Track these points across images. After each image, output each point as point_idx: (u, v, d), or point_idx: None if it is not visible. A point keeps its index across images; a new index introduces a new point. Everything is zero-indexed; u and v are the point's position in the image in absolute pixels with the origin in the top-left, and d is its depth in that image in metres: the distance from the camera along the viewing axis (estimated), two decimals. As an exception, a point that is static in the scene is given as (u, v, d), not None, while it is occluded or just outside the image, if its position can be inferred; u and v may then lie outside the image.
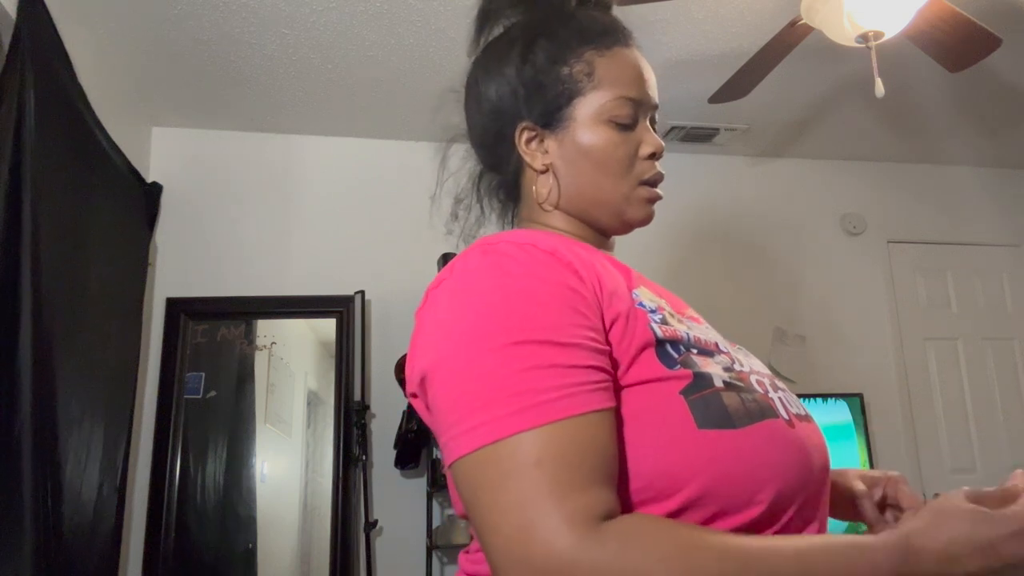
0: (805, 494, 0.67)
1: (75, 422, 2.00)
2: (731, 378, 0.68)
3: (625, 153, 0.81)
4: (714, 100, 2.35)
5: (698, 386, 0.65)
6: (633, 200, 0.83)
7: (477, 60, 0.91)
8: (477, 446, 0.58)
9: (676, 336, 0.69)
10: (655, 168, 0.83)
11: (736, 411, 0.65)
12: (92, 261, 2.18)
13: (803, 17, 2.00)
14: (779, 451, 0.65)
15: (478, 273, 0.67)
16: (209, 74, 2.60)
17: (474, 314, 0.64)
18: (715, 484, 0.62)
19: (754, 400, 0.67)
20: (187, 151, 2.95)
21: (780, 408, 0.69)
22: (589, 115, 0.81)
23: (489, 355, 0.61)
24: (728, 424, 0.63)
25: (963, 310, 3.49)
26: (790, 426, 0.68)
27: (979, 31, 2.01)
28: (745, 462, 0.63)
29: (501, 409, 0.58)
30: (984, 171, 3.68)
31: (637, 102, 0.82)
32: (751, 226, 3.38)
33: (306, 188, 3.02)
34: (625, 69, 0.82)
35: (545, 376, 0.59)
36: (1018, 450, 3.33)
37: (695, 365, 0.67)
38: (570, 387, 0.59)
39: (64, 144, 2.03)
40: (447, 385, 0.63)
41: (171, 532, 2.57)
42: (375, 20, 2.33)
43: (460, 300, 0.66)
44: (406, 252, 2.95)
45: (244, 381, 2.84)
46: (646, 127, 0.83)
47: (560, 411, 0.58)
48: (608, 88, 0.81)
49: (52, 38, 1.97)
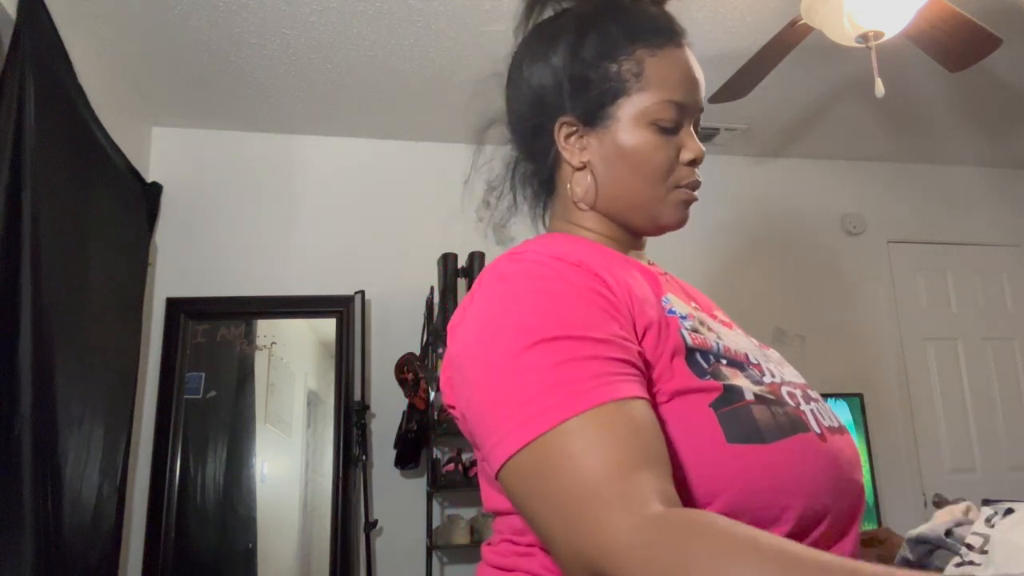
0: (837, 510, 0.66)
1: (75, 422, 2.00)
2: (761, 391, 0.67)
3: (665, 158, 0.79)
4: (714, 100, 2.35)
5: (728, 399, 0.64)
6: (668, 204, 0.81)
7: (524, 42, 0.86)
8: (520, 446, 0.57)
9: (706, 346, 0.69)
10: (694, 174, 0.82)
11: (766, 425, 0.64)
12: (92, 261, 2.18)
13: (803, 17, 2.00)
14: (809, 466, 0.64)
15: (507, 281, 0.68)
16: (209, 74, 2.60)
17: (506, 320, 0.64)
18: (744, 499, 0.61)
19: (785, 414, 0.66)
20: (187, 151, 2.95)
21: (812, 421, 0.68)
22: (632, 116, 0.79)
23: (521, 355, 0.61)
24: (758, 439, 0.63)
25: (963, 310, 3.49)
26: (822, 440, 0.67)
27: (979, 31, 2.01)
28: (774, 478, 0.62)
29: (540, 404, 0.58)
30: (984, 171, 3.68)
31: (682, 106, 0.79)
32: (751, 226, 3.38)
33: (306, 188, 3.02)
34: (674, 71, 0.79)
35: (583, 367, 0.59)
36: (1018, 450, 3.33)
37: (724, 377, 0.67)
38: (609, 375, 0.59)
39: (64, 144, 2.03)
40: (485, 392, 0.63)
41: (171, 532, 2.57)
42: (375, 20, 2.33)
43: (491, 309, 0.66)
44: (406, 252, 2.95)
45: (244, 381, 2.84)
46: (689, 132, 0.81)
47: (601, 396, 0.57)
48: (655, 90, 0.78)
49: (52, 38, 1.97)
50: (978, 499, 1.58)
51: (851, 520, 0.68)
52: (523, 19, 0.86)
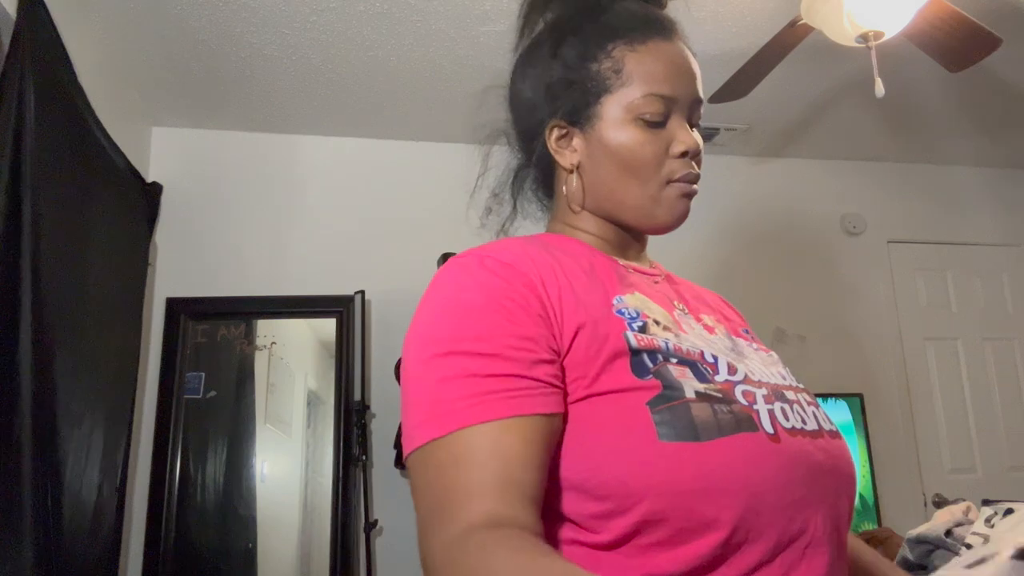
0: (788, 517, 0.62)
1: (75, 422, 2.00)
2: (708, 389, 0.65)
3: (653, 153, 0.78)
4: (714, 100, 2.35)
5: (666, 397, 0.63)
6: (662, 201, 0.80)
7: (519, 56, 0.89)
8: (405, 455, 0.65)
9: (652, 346, 0.68)
10: (688, 166, 0.79)
11: (704, 424, 0.62)
12: (92, 261, 2.18)
13: (803, 17, 2.00)
14: (751, 468, 0.61)
15: (433, 288, 0.72)
16: (209, 74, 2.60)
17: (420, 327, 0.69)
18: (672, 500, 0.60)
19: (730, 412, 0.63)
20: (187, 151, 2.95)
21: (766, 420, 0.65)
22: (616, 113, 0.78)
23: (420, 366, 0.66)
24: (691, 437, 0.61)
25: (963, 310, 3.49)
26: (774, 440, 0.63)
27: (979, 31, 2.01)
28: (704, 479, 0.60)
29: (419, 418, 0.64)
30: (984, 171, 3.68)
31: (669, 99, 0.78)
32: (751, 226, 3.38)
33: (306, 188, 3.02)
34: (658, 64, 0.78)
35: (458, 386, 0.63)
36: (1018, 450, 3.33)
37: (668, 375, 0.65)
38: (481, 395, 0.62)
39: (64, 144, 2.03)
40: (401, 393, 0.69)
41: (171, 532, 2.57)
42: (375, 20, 2.33)
43: (418, 312, 0.71)
44: (406, 252, 2.95)
45: (244, 381, 2.84)
46: (680, 124, 0.79)
47: (463, 419, 0.61)
48: (637, 84, 0.78)
49: (52, 38, 1.97)
50: (978, 499, 1.59)
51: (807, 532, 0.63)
52: (518, 33, 0.88)
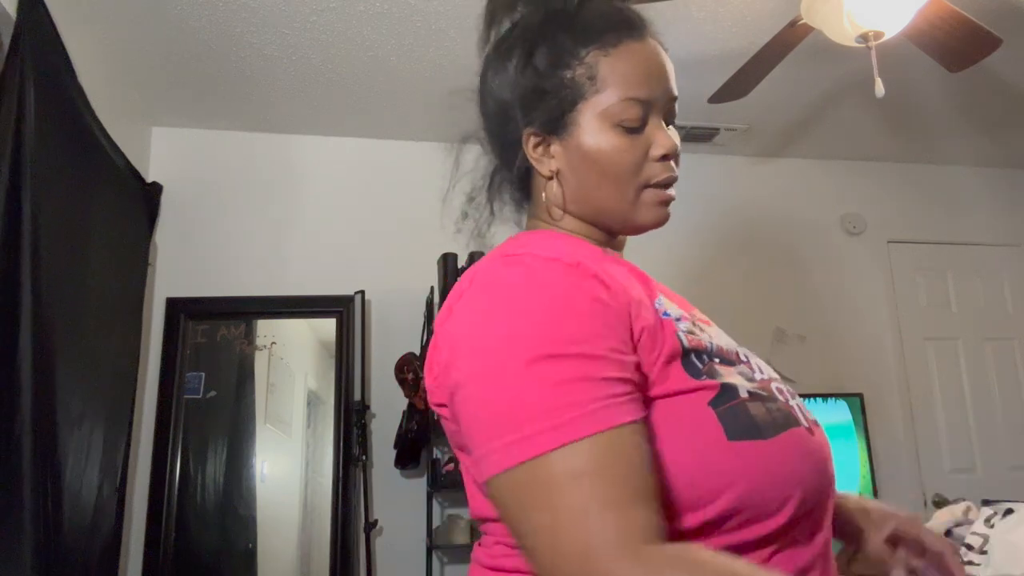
0: (821, 500, 0.69)
1: (75, 422, 2.00)
2: (755, 388, 0.69)
3: (632, 158, 0.77)
4: (714, 100, 2.35)
5: (726, 397, 0.66)
6: (641, 205, 0.79)
7: (487, 57, 0.85)
8: (514, 463, 0.58)
9: (701, 346, 0.70)
10: (667, 170, 0.78)
11: (764, 421, 0.66)
12: (92, 261, 2.18)
13: (803, 17, 2.00)
14: (803, 460, 0.67)
15: (504, 286, 0.67)
16: (209, 74, 2.60)
17: (503, 327, 0.63)
18: (748, 495, 0.63)
19: (778, 409, 0.68)
20: (187, 151, 2.95)
21: (800, 416, 0.70)
22: (593, 120, 0.77)
23: (522, 369, 0.60)
24: (757, 435, 0.65)
25: (963, 310, 3.49)
26: (811, 434, 0.69)
27: (979, 31, 2.01)
28: (775, 473, 0.65)
29: (538, 424, 0.58)
30: (984, 171, 3.68)
31: (645, 102, 0.77)
32: (751, 226, 3.38)
33: (306, 188, 3.02)
34: (632, 66, 0.77)
35: (578, 389, 0.59)
36: (1018, 450, 3.33)
37: (720, 375, 0.68)
38: (604, 399, 0.59)
39: (64, 144, 2.03)
40: (480, 400, 0.63)
41: (171, 532, 2.57)
42: (375, 20, 2.33)
43: (488, 313, 0.65)
44: (406, 252, 2.95)
45: (244, 381, 2.84)
46: (658, 126, 0.78)
47: (597, 424, 0.58)
48: (613, 90, 0.76)
49: (52, 38, 1.97)
50: (978, 499, 1.59)
51: (827, 511, 0.72)
52: (483, 34, 0.85)
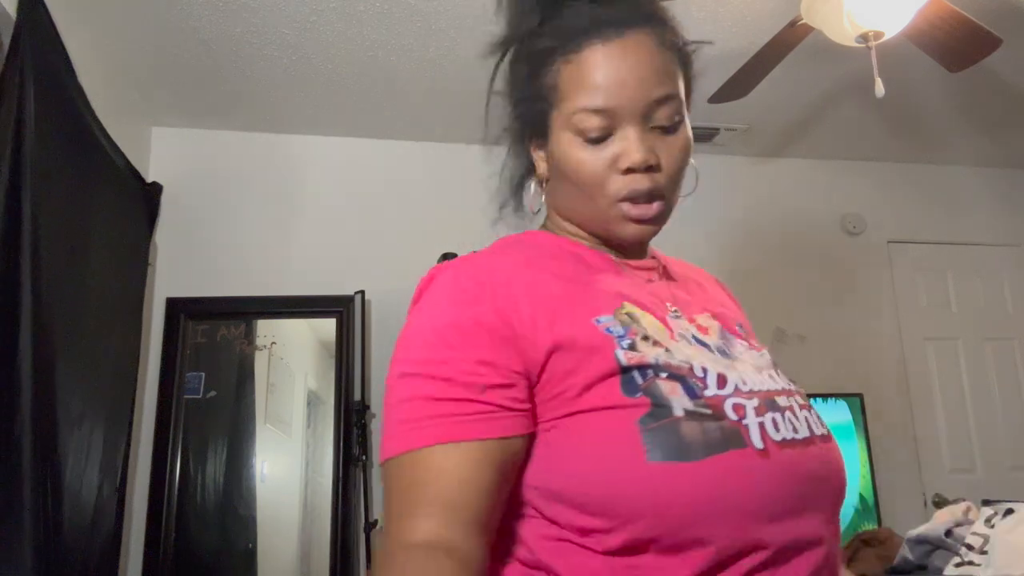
0: (781, 529, 0.62)
1: (75, 422, 2.00)
2: (697, 405, 0.64)
3: (593, 170, 0.74)
4: (714, 100, 2.35)
5: (655, 415, 0.63)
6: (613, 219, 0.76)
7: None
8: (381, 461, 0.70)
9: (643, 362, 0.67)
10: (636, 183, 0.74)
11: (693, 442, 0.61)
12: (92, 261, 2.18)
13: (803, 17, 2.00)
14: (739, 486, 0.61)
15: (414, 304, 0.75)
16: (209, 74, 2.60)
17: (397, 342, 0.72)
18: (661, 520, 0.60)
19: (719, 429, 0.63)
20: (187, 151, 2.95)
21: (755, 435, 0.64)
22: (560, 130, 0.75)
23: (390, 383, 0.70)
24: (680, 456, 0.61)
25: (963, 310, 3.49)
26: (763, 455, 0.63)
27: (979, 31, 2.01)
28: (694, 498, 0.60)
29: (385, 434, 0.68)
30: (984, 171, 3.68)
31: (605, 111, 0.72)
32: (751, 226, 3.38)
33: (306, 188, 3.02)
34: (588, 74, 0.73)
35: (411, 408, 0.66)
36: (1018, 450, 3.33)
37: (658, 392, 0.65)
38: (430, 418, 0.65)
39: (64, 144, 2.03)
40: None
41: (171, 532, 2.57)
42: (375, 20, 2.33)
43: (404, 327, 0.74)
44: (406, 252, 2.95)
45: (244, 381, 2.84)
46: (627, 136, 0.73)
47: (412, 441, 0.65)
48: (572, 99, 0.74)
49: (52, 38, 1.97)
50: (978, 499, 1.59)
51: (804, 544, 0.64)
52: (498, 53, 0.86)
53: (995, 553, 1.29)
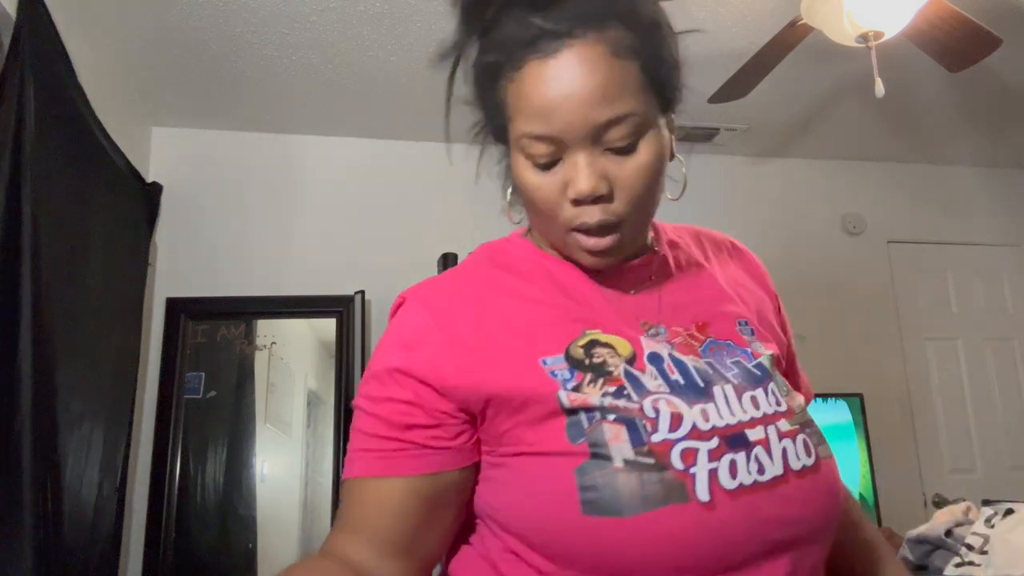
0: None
1: (75, 422, 2.00)
2: (639, 454, 0.60)
3: (546, 197, 0.68)
4: (714, 100, 2.35)
5: (593, 465, 0.60)
6: (570, 246, 0.71)
7: None
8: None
9: (587, 404, 0.63)
10: (582, 216, 0.67)
11: (630, 496, 0.58)
12: (92, 261, 2.18)
13: (803, 17, 2.00)
14: (674, 544, 0.58)
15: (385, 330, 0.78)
16: (209, 74, 2.60)
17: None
18: (598, 571, 0.59)
19: (659, 482, 0.59)
20: (187, 151, 2.95)
21: (702, 486, 0.60)
22: (514, 150, 0.70)
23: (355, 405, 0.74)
24: (614, 512, 0.58)
25: (963, 310, 3.49)
26: (708, 508, 0.59)
27: (979, 31, 2.01)
28: (627, 557, 0.58)
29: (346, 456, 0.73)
30: (984, 171, 3.68)
31: (547, 138, 0.65)
32: (751, 226, 3.38)
33: (306, 188, 3.02)
34: (529, 96, 0.65)
35: (355, 438, 0.71)
36: (1018, 450, 3.33)
37: (601, 438, 0.61)
38: (360, 451, 0.70)
39: (64, 144, 2.03)
40: None
41: (171, 532, 2.57)
42: (375, 20, 2.33)
43: None
44: (406, 252, 2.95)
45: (244, 381, 2.84)
46: (575, 162, 0.66)
47: (351, 471, 0.70)
48: (517, 122, 0.67)
49: (52, 38, 1.97)
50: (978, 499, 1.59)
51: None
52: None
53: (995, 553, 1.29)
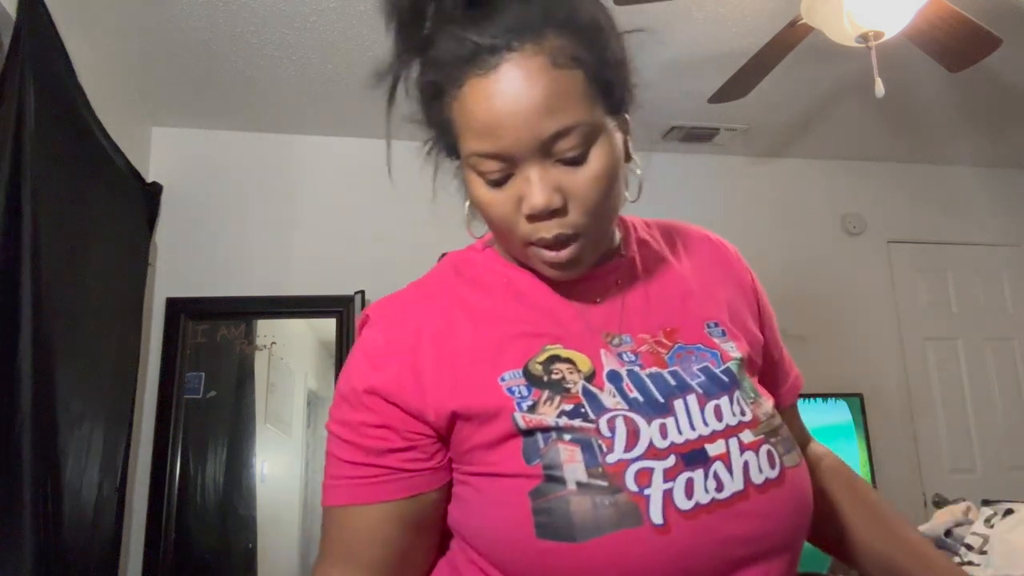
0: None
1: (75, 422, 2.00)
2: (593, 476, 0.60)
3: (501, 214, 0.67)
4: (714, 100, 2.35)
5: (547, 488, 0.60)
6: (531, 260, 0.70)
7: None
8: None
9: (542, 425, 0.63)
10: (538, 231, 0.66)
11: (582, 520, 0.58)
12: (92, 261, 2.18)
13: (803, 17, 2.00)
14: (626, 569, 0.58)
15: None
16: (209, 74, 2.60)
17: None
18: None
19: (612, 505, 0.59)
20: (187, 151, 2.95)
21: (655, 508, 0.59)
22: (466, 167, 0.69)
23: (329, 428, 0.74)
24: (566, 536, 0.58)
25: (963, 310, 3.49)
26: (661, 532, 0.58)
27: (979, 31, 2.01)
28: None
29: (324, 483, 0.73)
30: (984, 171, 3.68)
31: (497, 155, 0.64)
32: (751, 226, 3.38)
33: (306, 188, 3.02)
34: (472, 114, 0.64)
35: (330, 463, 0.71)
36: (1018, 450, 3.33)
37: (555, 459, 0.61)
38: (337, 478, 0.70)
39: (64, 144, 2.03)
40: None
41: (171, 532, 2.57)
42: (375, 20, 2.32)
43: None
44: (406, 252, 2.94)
45: (244, 381, 2.84)
46: (527, 177, 0.64)
47: (325, 499, 0.71)
48: (464, 141, 0.66)
49: (52, 38, 1.97)
50: (978, 499, 1.59)
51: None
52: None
53: (995, 553, 1.29)
